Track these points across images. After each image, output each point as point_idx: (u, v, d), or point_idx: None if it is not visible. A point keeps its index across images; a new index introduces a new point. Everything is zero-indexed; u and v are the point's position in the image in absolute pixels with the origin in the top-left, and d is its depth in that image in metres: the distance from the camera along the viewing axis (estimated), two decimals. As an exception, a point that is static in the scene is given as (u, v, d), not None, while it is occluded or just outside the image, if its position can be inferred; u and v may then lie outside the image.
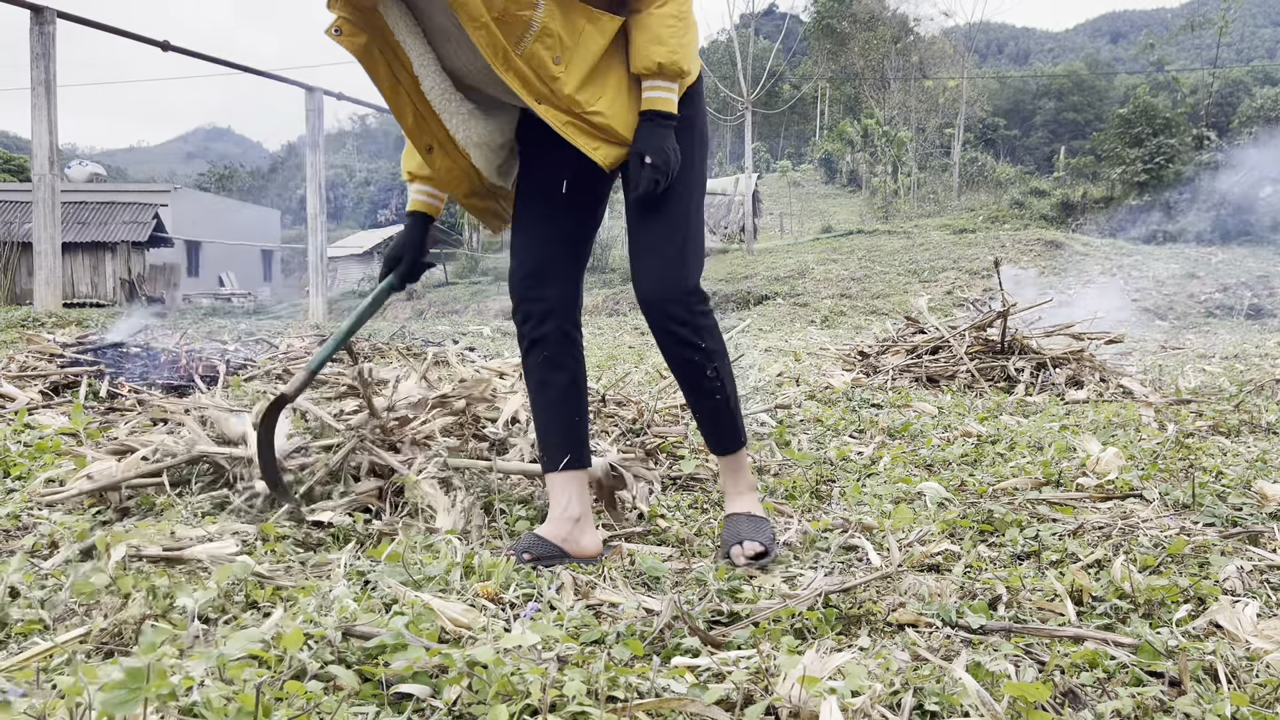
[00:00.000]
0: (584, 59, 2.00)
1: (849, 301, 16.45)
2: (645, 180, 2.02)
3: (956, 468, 3.13)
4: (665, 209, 2.11)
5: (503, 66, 1.97)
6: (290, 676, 1.35)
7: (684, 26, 2.02)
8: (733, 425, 2.23)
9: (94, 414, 3.79)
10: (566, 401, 2.22)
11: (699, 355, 2.12)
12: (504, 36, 1.94)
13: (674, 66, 2.01)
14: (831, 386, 5.22)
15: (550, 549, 2.07)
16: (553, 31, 1.95)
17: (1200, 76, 35.55)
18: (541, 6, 1.93)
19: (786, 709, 1.30)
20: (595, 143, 2.04)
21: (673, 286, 2.10)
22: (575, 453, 2.20)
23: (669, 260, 2.10)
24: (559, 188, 2.20)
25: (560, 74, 1.98)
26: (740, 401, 2.28)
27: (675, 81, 2.04)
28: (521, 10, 1.92)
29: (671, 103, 2.04)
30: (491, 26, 1.92)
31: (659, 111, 2.03)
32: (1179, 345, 9.47)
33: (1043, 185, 32.02)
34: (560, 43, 1.97)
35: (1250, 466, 3.02)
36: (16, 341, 6.88)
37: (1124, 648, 1.56)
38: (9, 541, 2.16)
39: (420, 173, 2.25)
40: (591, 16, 2.00)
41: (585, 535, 2.13)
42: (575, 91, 1.99)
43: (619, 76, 2.05)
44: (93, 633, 1.57)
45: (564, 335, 2.22)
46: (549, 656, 1.44)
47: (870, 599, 1.81)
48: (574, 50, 1.99)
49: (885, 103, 41.30)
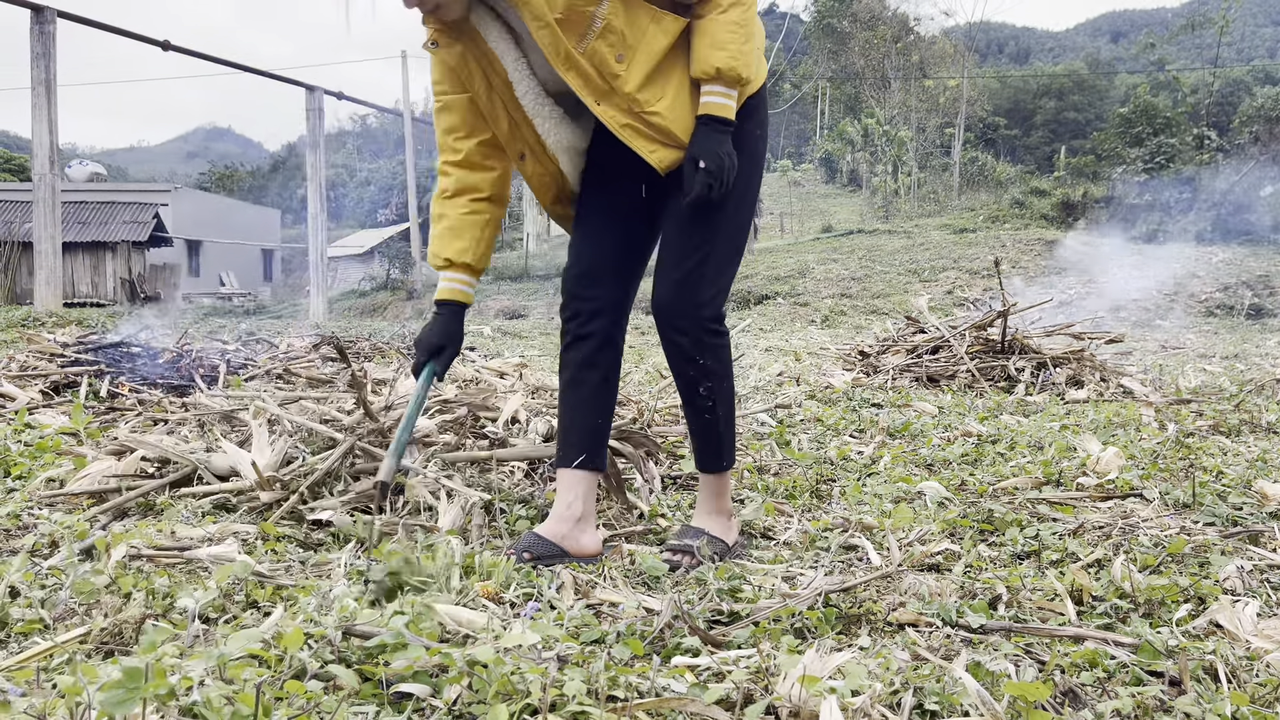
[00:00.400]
0: (646, 58, 1.99)
1: (849, 301, 16.44)
2: (698, 185, 2.00)
3: (957, 467, 3.13)
4: (701, 220, 2.09)
5: (564, 66, 1.98)
6: (290, 676, 1.35)
7: (745, 34, 2.01)
8: (718, 446, 2.21)
9: (94, 413, 3.79)
10: (595, 402, 2.23)
11: (695, 370, 2.12)
12: (566, 35, 1.95)
13: (732, 73, 1.99)
14: (832, 386, 5.22)
15: (550, 548, 2.07)
16: (615, 29, 1.96)
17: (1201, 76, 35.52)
18: (605, 3, 1.94)
19: (786, 708, 1.30)
20: (652, 145, 2.04)
21: (685, 299, 2.09)
22: (592, 453, 2.20)
23: (688, 272, 2.09)
24: (624, 193, 2.22)
25: (622, 72, 1.98)
26: (733, 427, 2.24)
27: (734, 88, 2.02)
28: (586, 6, 1.93)
29: (729, 109, 2.02)
30: (554, 26, 1.94)
31: (715, 117, 2.01)
32: (1179, 345, 9.47)
33: (1043, 185, 31.98)
34: (623, 40, 1.97)
35: (1250, 466, 3.02)
36: (17, 341, 6.88)
37: (1124, 647, 1.56)
38: (9, 541, 2.16)
39: (459, 259, 2.24)
40: (655, 16, 1.99)
41: (585, 535, 2.14)
42: (636, 90, 1.99)
43: (680, 79, 2.04)
44: (93, 632, 1.57)
45: (607, 338, 2.22)
46: (549, 656, 1.44)
47: (870, 598, 1.81)
48: (636, 49, 1.98)
49: (885, 102, 41.28)
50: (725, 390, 2.18)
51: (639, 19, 1.98)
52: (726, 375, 2.18)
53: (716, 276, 2.12)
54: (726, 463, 2.23)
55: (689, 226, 2.10)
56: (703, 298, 2.10)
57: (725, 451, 2.22)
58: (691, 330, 2.09)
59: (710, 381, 2.14)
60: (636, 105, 2.00)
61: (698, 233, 2.10)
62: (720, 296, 2.14)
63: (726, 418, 2.20)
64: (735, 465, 2.29)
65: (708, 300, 2.10)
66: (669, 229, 2.14)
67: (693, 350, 2.10)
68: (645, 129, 2.02)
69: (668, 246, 2.14)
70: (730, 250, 2.14)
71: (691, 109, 2.04)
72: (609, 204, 2.24)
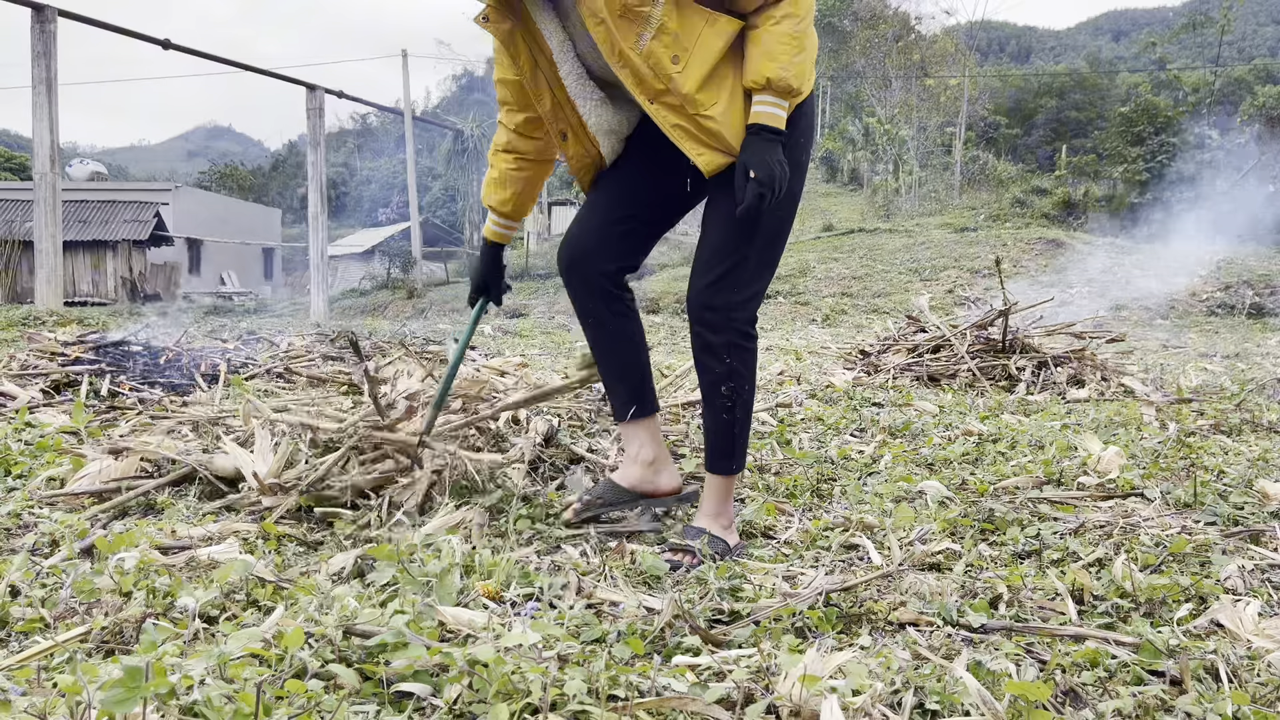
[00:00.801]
0: (703, 59, 2.01)
1: (850, 300, 16.44)
2: (750, 194, 2.00)
3: (958, 466, 3.13)
4: (742, 225, 2.11)
5: (618, 63, 2.03)
6: (291, 675, 1.35)
7: (798, 45, 2.02)
8: (730, 448, 2.23)
9: (95, 412, 3.79)
10: (623, 355, 2.36)
11: (720, 369, 2.16)
12: (622, 34, 1.99)
13: (783, 83, 2.00)
14: (833, 385, 5.22)
15: (623, 495, 2.30)
16: (670, 30, 1.99)
17: (1202, 75, 35.50)
18: (660, 4, 1.97)
19: (787, 708, 1.30)
20: (701, 148, 2.06)
21: (720, 299, 2.13)
22: (639, 401, 2.35)
23: (724, 274, 2.13)
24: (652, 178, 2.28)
25: (678, 74, 2.01)
26: (748, 432, 2.26)
27: (785, 98, 2.03)
28: (642, 6, 1.97)
29: (780, 119, 2.03)
30: (610, 23, 1.99)
31: (766, 126, 2.02)
32: (1180, 344, 9.46)
33: (1044, 184, 31.97)
34: (678, 41, 2.00)
35: (1252, 465, 3.02)
36: (18, 340, 6.89)
37: (1125, 647, 1.56)
38: (10, 540, 2.16)
39: (500, 207, 2.44)
40: (709, 19, 2.01)
41: (661, 475, 2.34)
42: (695, 91, 2.02)
43: (734, 84, 2.06)
44: (93, 631, 1.57)
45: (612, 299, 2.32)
46: (550, 655, 1.44)
47: (871, 598, 1.81)
48: (692, 51, 2.01)
49: (886, 101, 41.25)
50: (745, 394, 2.21)
51: (694, 21, 2.00)
52: (749, 380, 2.21)
53: (752, 280, 2.16)
54: (736, 466, 2.25)
55: (729, 230, 2.13)
56: (736, 300, 2.14)
57: (736, 455, 2.24)
58: (723, 330, 2.14)
59: (733, 383, 2.17)
60: (692, 106, 2.03)
61: (737, 236, 2.13)
62: (754, 302, 2.17)
63: (743, 421, 2.23)
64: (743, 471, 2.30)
65: (741, 303, 2.14)
66: (710, 229, 2.18)
67: (722, 350, 2.14)
68: (697, 131, 2.05)
69: (707, 246, 2.17)
70: (767, 257, 2.18)
71: (743, 116, 2.05)
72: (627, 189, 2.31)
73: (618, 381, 2.38)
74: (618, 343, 2.36)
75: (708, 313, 2.14)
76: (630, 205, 2.32)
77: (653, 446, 2.36)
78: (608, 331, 2.35)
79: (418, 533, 2.16)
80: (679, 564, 2.05)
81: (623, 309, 2.34)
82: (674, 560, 2.06)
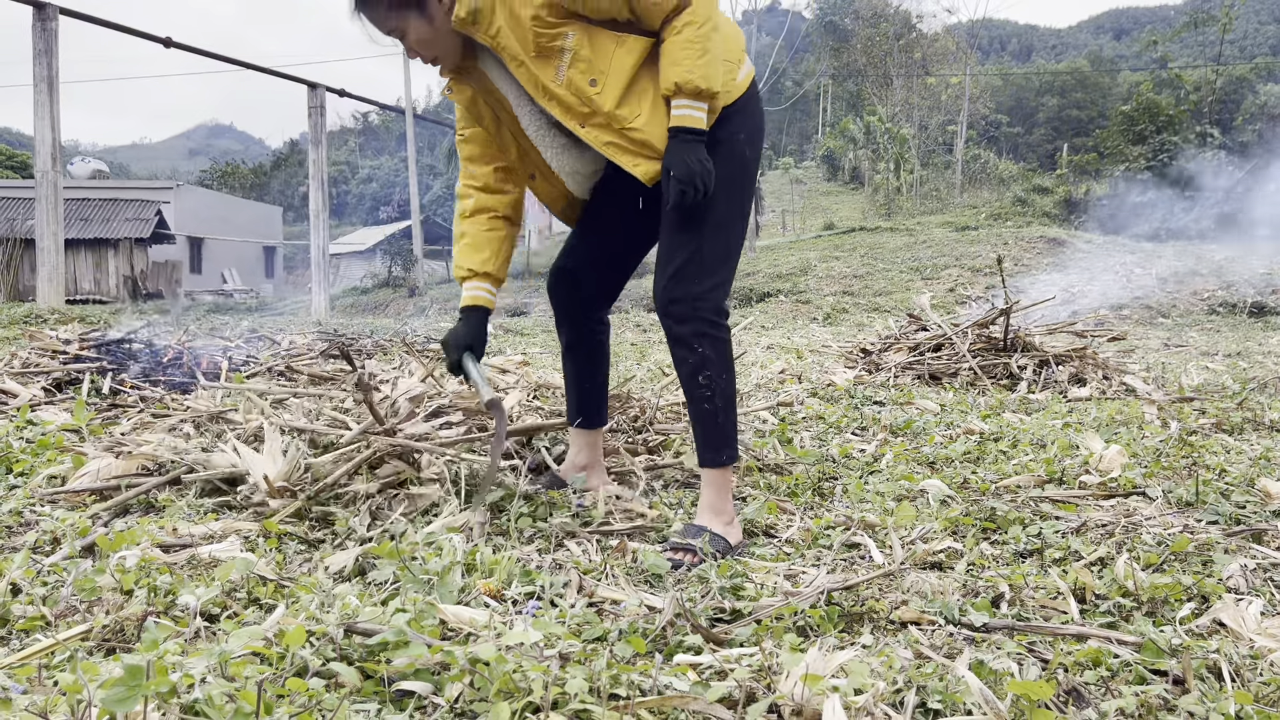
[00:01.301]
0: (618, 77, 2.15)
1: (851, 299, 16.43)
2: (673, 193, 2.13)
3: (959, 465, 3.13)
4: (687, 221, 2.23)
5: (545, 98, 2.19)
6: (292, 673, 1.34)
7: (700, 49, 2.10)
8: (717, 440, 2.28)
9: (96, 410, 3.79)
10: (582, 373, 2.65)
11: (694, 359, 2.24)
12: (541, 70, 2.16)
13: (691, 86, 2.10)
14: (834, 384, 5.21)
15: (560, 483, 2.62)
16: (584, 56, 2.13)
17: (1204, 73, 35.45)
18: (571, 36, 2.12)
19: (789, 707, 1.30)
20: (635, 159, 2.19)
21: (680, 291, 2.23)
22: (585, 414, 2.65)
23: (679, 267, 2.23)
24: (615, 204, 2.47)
25: (597, 94, 2.15)
26: (733, 422, 2.30)
27: (698, 100, 2.13)
28: (554, 42, 2.13)
29: (695, 119, 2.14)
30: (529, 64, 2.15)
31: (683, 128, 2.13)
32: (1182, 343, 9.45)
33: (1045, 182, 31.95)
34: (593, 66, 2.14)
35: (1254, 464, 3.01)
36: (19, 338, 6.89)
37: (1127, 646, 1.55)
38: (11, 538, 2.16)
39: (481, 269, 2.49)
40: (619, 39, 2.15)
41: (591, 479, 2.64)
42: (615, 107, 2.16)
43: (655, 95, 2.18)
44: (94, 629, 1.57)
45: (585, 322, 2.60)
46: (551, 654, 1.44)
47: (873, 597, 1.80)
48: (608, 72, 2.15)
49: (888, 100, 41.23)
50: (724, 383, 2.27)
51: (605, 44, 2.14)
52: (726, 368, 2.27)
53: (711, 271, 2.24)
54: (726, 457, 2.28)
55: (675, 228, 2.25)
56: (697, 290, 2.22)
57: (725, 446, 2.28)
58: (689, 319, 2.22)
59: (709, 370, 2.24)
60: (616, 122, 2.17)
61: (684, 232, 2.24)
62: (717, 291, 2.26)
63: (725, 410, 2.28)
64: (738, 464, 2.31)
65: (703, 293, 2.23)
66: (662, 233, 2.30)
67: (692, 339, 2.23)
68: (627, 144, 2.19)
69: (663, 245, 2.29)
70: (720, 248, 2.26)
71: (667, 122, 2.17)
72: (600, 212, 2.52)
73: (574, 391, 2.67)
74: (583, 361, 2.64)
75: (672, 305, 2.24)
76: (610, 237, 2.54)
77: (588, 453, 2.67)
78: (578, 349, 2.63)
79: (420, 532, 2.16)
80: (680, 563, 2.05)
81: (594, 333, 2.62)
82: (675, 559, 2.06)
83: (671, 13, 2.11)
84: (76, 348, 4.67)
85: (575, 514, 2.40)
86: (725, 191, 2.23)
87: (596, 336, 2.64)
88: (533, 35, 2.11)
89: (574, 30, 2.12)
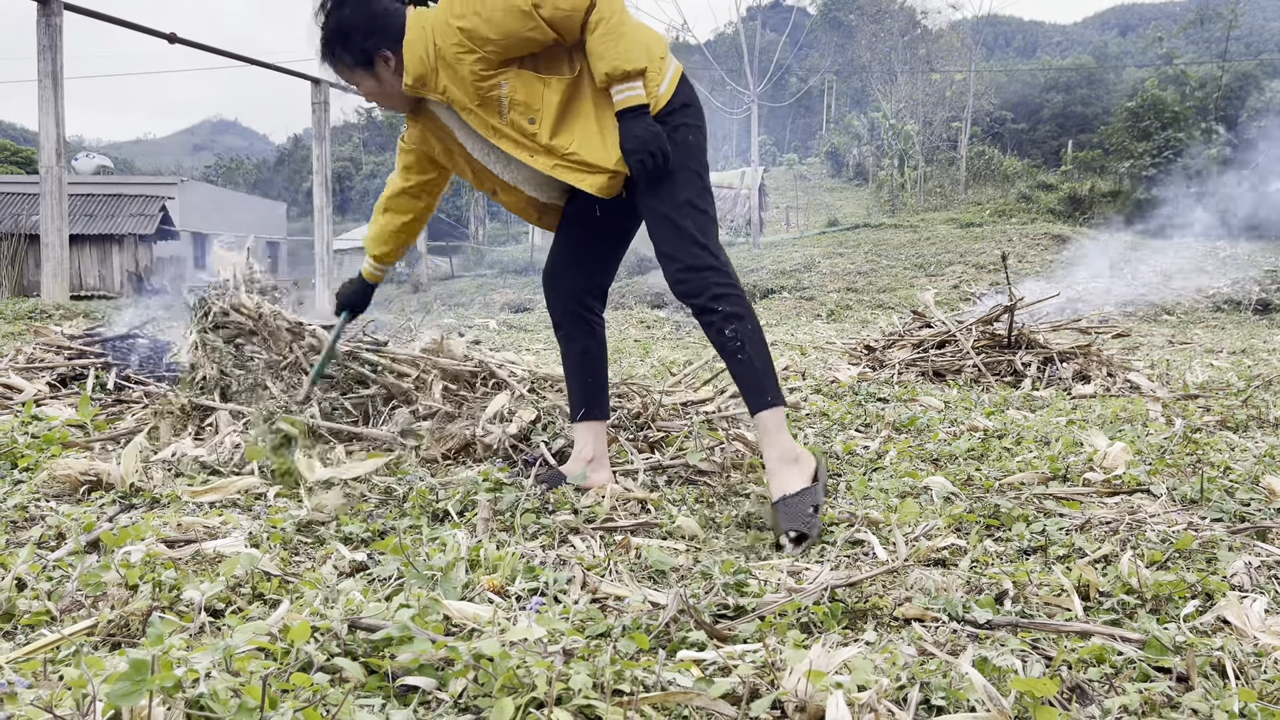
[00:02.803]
0: (549, 113, 2.43)
1: (855, 295, 16.42)
2: (633, 166, 2.39)
3: (963, 462, 3.12)
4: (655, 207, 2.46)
5: (495, 136, 2.48)
6: (297, 668, 1.35)
7: (614, 38, 2.34)
8: (758, 383, 2.44)
9: (101, 405, 3.80)
10: (581, 368, 2.79)
11: (717, 319, 2.44)
12: (488, 114, 2.45)
13: (618, 71, 2.34)
14: (838, 380, 5.21)
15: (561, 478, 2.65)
16: (519, 100, 2.42)
17: (1209, 70, 35.35)
18: (505, 85, 2.41)
19: (792, 703, 1.30)
20: (581, 175, 2.45)
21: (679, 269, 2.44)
22: (587, 407, 2.76)
23: (671, 251, 2.45)
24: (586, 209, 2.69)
25: (536, 130, 2.43)
26: (770, 365, 2.46)
27: (630, 80, 2.37)
28: (492, 92, 2.42)
29: (633, 98, 2.37)
30: (476, 110, 2.45)
31: (626, 108, 2.38)
32: (1186, 340, 9.44)
33: (1050, 179, 31.89)
34: (529, 107, 2.42)
35: (1258, 461, 3.01)
36: (24, 333, 6.90)
37: (1131, 643, 1.55)
38: (16, 533, 2.17)
39: (385, 261, 3.05)
40: (545, 81, 2.42)
41: (596, 473, 2.70)
42: (550, 139, 2.43)
43: (583, 118, 2.44)
44: (99, 624, 1.57)
45: (577, 318, 2.77)
46: (555, 649, 1.44)
47: (876, 593, 1.80)
48: (541, 110, 2.42)
49: (892, 96, 41.15)
50: (750, 331, 2.45)
51: (534, 87, 2.42)
52: (748, 317, 2.46)
53: (695, 238, 2.44)
54: (771, 399, 2.44)
55: (655, 221, 2.48)
56: (693, 262, 2.43)
57: (768, 389, 2.44)
58: (700, 289, 2.43)
59: (734, 324, 2.43)
60: (556, 151, 2.44)
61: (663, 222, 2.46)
62: (705, 253, 2.44)
63: (758, 354, 2.45)
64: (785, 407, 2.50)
65: (700, 263, 2.43)
66: (649, 232, 2.52)
67: (710, 304, 2.43)
68: (571, 165, 2.45)
69: (653, 241, 2.49)
70: (700, 219, 2.46)
71: (600, 136, 2.42)
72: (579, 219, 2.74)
73: (575, 386, 2.80)
74: (581, 356, 2.78)
75: (680, 285, 2.46)
76: (585, 235, 2.74)
77: (593, 446, 2.74)
78: (574, 345, 2.79)
79: (423, 533, 2.16)
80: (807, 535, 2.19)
81: (589, 329, 2.79)
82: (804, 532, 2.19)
83: (584, 18, 2.33)
84: (80, 343, 4.68)
85: (577, 510, 2.41)
86: (683, 174, 2.46)
87: (592, 333, 2.80)
88: (474, 88, 2.40)
89: (507, 79, 2.40)
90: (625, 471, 2.85)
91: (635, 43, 2.37)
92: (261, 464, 2.72)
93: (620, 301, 17.71)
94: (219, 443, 2.91)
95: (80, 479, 2.54)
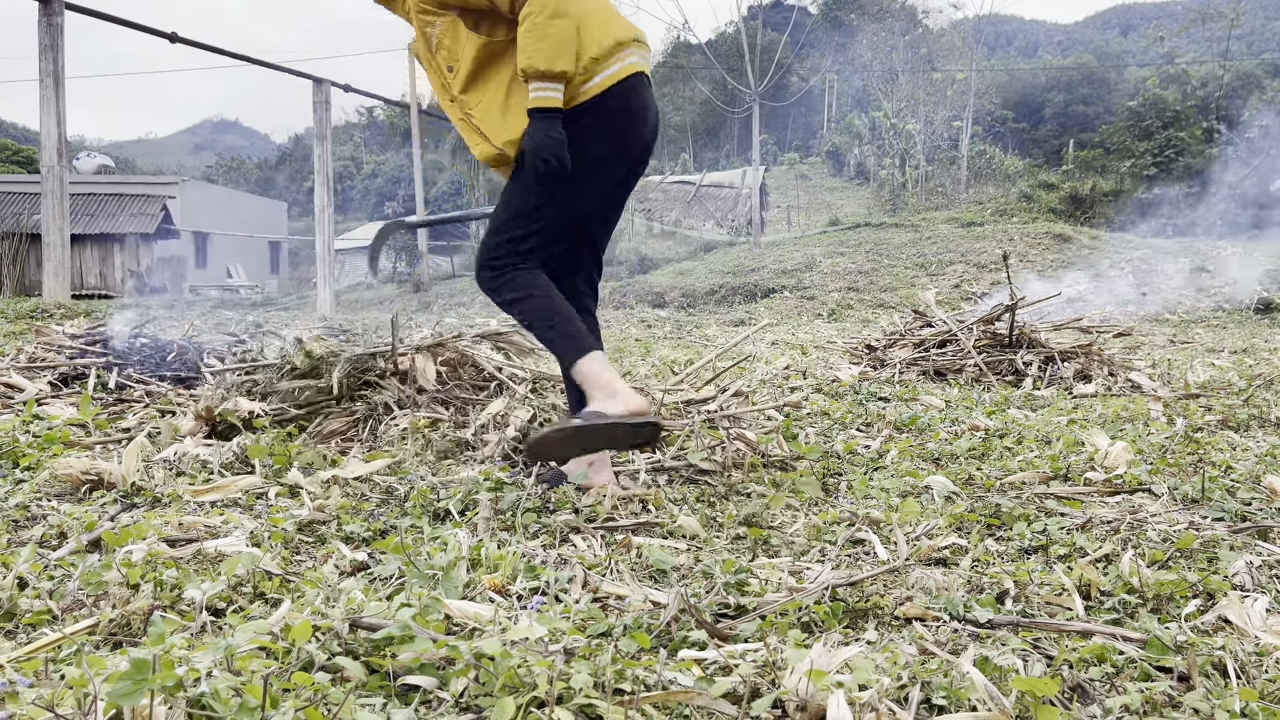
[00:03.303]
0: (465, 66, 2.49)
1: (856, 295, 16.41)
2: (527, 165, 2.44)
3: (964, 461, 3.12)
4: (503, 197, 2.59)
5: (428, 66, 2.58)
6: (298, 668, 1.35)
7: (538, 36, 2.35)
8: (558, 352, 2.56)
9: (102, 405, 3.80)
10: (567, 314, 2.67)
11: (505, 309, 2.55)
12: (424, 46, 2.56)
13: (532, 69, 2.37)
14: (839, 380, 5.21)
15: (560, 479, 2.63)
16: (445, 45, 2.51)
17: (1211, 69, 35.32)
18: (438, 25, 2.50)
19: (793, 702, 1.30)
20: (476, 139, 2.53)
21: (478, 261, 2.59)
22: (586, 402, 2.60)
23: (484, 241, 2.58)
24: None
25: (452, 79, 2.53)
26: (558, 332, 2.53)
27: (544, 80, 2.38)
28: (426, 29, 2.52)
29: (546, 99, 2.39)
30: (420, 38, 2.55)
31: (536, 108, 2.41)
32: (1188, 339, 9.43)
33: (1051, 178, 31.86)
34: (451, 54, 2.50)
35: (1260, 461, 3.01)
36: (25, 333, 6.90)
37: (1132, 643, 1.55)
38: (18, 532, 2.17)
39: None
40: (468, 36, 2.49)
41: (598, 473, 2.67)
42: (461, 92, 2.52)
43: (495, 87, 2.48)
44: (101, 623, 1.57)
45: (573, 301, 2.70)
46: (556, 649, 1.44)
47: (877, 593, 1.80)
48: (460, 60, 2.49)
49: (893, 95, 41.12)
50: (530, 308, 2.53)
51: (460, 35, 2.49)
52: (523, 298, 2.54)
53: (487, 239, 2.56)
54: (568, 361, 2.52)
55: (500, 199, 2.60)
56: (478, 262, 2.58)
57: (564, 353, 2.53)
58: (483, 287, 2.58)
59: (515, 309, 2.54)
60: (463, 105, 2.52)
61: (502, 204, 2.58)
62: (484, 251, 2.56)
63: (542, 327, 2.54)
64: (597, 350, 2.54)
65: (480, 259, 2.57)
66: None
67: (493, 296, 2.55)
68: (469, 126, 2.52)
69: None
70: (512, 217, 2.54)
71: (503, 110, 2.47)
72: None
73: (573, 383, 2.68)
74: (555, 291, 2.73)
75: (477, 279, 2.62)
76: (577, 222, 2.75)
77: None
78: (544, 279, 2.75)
79: (425, 532, 2.17)
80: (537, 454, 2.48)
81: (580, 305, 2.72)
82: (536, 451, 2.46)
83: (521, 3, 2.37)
84: (82, 342, 4.68)
85: (578, 509, 2.41)
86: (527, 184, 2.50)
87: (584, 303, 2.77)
88: (416, 19, 2.52)
89: (441, 21, 2.48)
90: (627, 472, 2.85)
91: (558, 45, 2.36)
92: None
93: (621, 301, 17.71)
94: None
95: (82, 478, 2.54)
